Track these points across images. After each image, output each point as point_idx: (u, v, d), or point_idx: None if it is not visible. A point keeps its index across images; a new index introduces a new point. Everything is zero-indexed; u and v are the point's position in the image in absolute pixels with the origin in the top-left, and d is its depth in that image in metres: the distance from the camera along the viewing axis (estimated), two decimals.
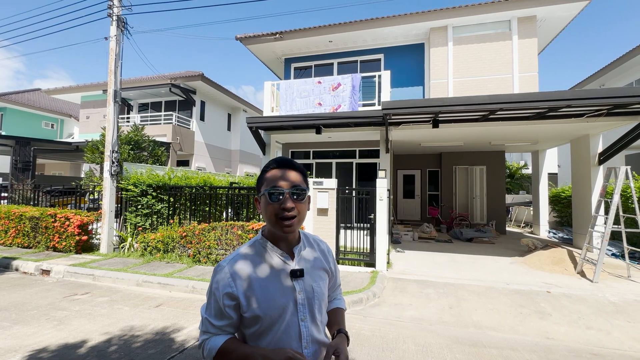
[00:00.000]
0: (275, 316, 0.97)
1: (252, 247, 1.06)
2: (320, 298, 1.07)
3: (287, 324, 0.98)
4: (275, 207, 0.97)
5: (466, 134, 7.95)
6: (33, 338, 3.15)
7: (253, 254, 1.04)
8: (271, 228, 1.03)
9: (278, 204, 0.97)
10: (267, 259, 1.03)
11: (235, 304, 0.97)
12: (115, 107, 6.97)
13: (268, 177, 1.02)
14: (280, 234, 1.02)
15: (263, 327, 0.97)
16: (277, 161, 1.04)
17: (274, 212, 0.98)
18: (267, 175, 1.03)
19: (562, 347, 3.17)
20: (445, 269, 6.02)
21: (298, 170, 1.04)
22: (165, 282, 4.87)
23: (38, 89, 21.48)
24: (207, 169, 15.87)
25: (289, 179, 1.00)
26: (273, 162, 1.05)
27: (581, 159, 7.69)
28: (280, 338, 0.97)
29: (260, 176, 1.06)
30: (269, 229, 1.05)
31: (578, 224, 7.87)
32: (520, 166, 17.83)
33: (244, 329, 1.01)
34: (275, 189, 0.98)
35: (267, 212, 1.00)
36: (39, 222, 6.87)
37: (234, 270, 0.99)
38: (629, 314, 3.99)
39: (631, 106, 5.65)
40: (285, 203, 0.97)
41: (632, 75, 11.71)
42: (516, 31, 8.54)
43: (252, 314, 0.96)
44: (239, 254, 1.03)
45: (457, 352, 3.04)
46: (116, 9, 6.84)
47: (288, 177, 1.01)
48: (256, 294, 0.97)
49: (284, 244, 1.05)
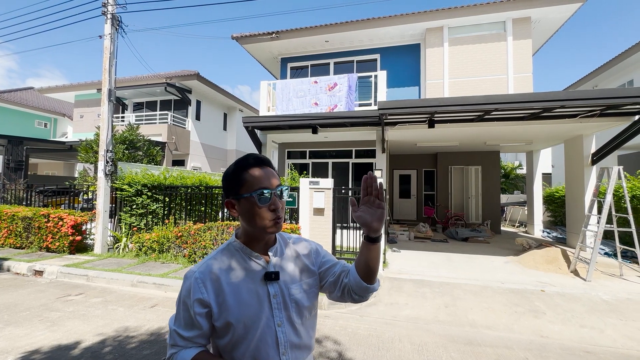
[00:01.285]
0: (249, 322, 0.91)
1: (225, 251, 1.00)
2: (298, 301, 0.99)
3: (262, 330, 0.92)
4: (265, 209, 0.93)
5: (462, 134, 8.00)
6: (26, 339, 3.11)
7: (226, 257, 0.99)
8: (254, 230, 0.97)
9: (267, 206, 0.93)
10: (240, 263, 0.98)
11: (207, 312, 0.92)
12: (110, 106, 6.91)
13: (249, 177, 0.94)
14: (265, 235, 0.98)
15: (237, 335, 0.91)
16: (254, 159, 0.98)
17: (265, 216, 0.93)
18: (245, 174, 0.95)
19: (556, 345, 3.20)
20: (441, 268, 6.05)
21: (273, 167, 1.00)
22: (161, 282, 4.83)
23: (31, 88, 21.20)
24: (203, 168, 15.78)
25: (274, 178, 0.96)
26: (249, 160, 0.97)
27: (575, 159, 7.78)
28: (256, 346, 0.91)
29: (236, 176, 0.96)
30: (246, 231, 0.99)
31: (571, 224, 7.95)
32: (514, 166, 18.00)
33: (217, 340, 0.95)
34: (264, 191, 0.93)
35: (256, 215, 0.93)
36: (32, 222, 6.78)
37: (205, 276, 0.94)
38: (621, 312, 4.04)
39: (623, 107, 5.72)
40: (276, 204, 0.94)
41: (624, 76, 11.88)
42: (511, 32, 8.60)
43: (224, 320, 0.91)
44: (211, 259, 0.98)
45: (452, 350, 3.06)
46: (111, 7, 6.78)
47: (273, 175, 0.97)
48: (228, 299, 0.92)
49: (259, 246, 1.00)
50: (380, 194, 0.96)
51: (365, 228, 0.96)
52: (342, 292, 1.06)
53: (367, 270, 1.00)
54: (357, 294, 1.03)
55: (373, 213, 0.96)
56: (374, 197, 0.96)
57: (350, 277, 1.03)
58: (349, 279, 1.04)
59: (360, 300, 1.06)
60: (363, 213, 0.97)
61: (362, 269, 1.00)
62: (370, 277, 1.01)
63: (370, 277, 1.01)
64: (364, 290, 1.02)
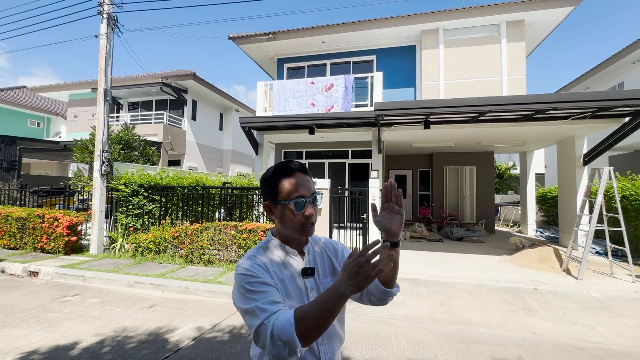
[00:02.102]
0: None
1: (264, 248, 1.04)
2: None
3: None
4: (301, 216, 0.98)
5: (456, 135, 8.10)
6: (23, 340, 3.10)
7: (268, 253, 1.02)
8: (291, 234, 1.02)
9: (302, 213, 0.97)
10: (281, 258, 1.02)
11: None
12: (106, 106, 6.88)
13: (287, 184, 0.98)
14: (301, 239, 1.04)
15: None
16: (293, 167, 1.01)
17: (300, 222, 0.98)
18: (284, 181, 0.99)
19: (548, 342, 3.27)
20: (436, 267, 6.13)
21: (309, 175, 1.05)
22: (158, 282, 4.84)
23: (24, 87, 20.96)
24: (199, 169, 15.73)
25: (309, 185, 1.01)
26: (288, 167, 1.01)
27: (567, 160, 7.92)
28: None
29: (274, 182, 1.00)
30: (282, 232, 1.04)
31: (564, 223, 8.09)
32: (508, 167, 18.22)
33: None
34: (300, 199, 0.97)
35: (291, 221, 0.99)
36: (26, 223, 6.73)
37: (264, 262, 0.97)
38: (611, 309, 4.14)
39: (614, 109, 5.85)
40: (310, 211, 0.98)
41: (615, 79, 12.10)
42: (505, 35, 8.73)
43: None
44: (254, 255, 1.00)
45: (447, 348, 3.12)
46: (107, 7, 6.75)
47: (308, 183, 1.01)
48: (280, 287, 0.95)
49: (294, 245, 1.05)
50: (399, 201, 1.00)
51: (384, 233, 1.01)
52: (361, 294, 1.10)
53: (386, 275, 1.03)
54: (376, 297, 1.07)
55: (392, 219, 0.99)
56: (393, 203, 1.00)
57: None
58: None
59: (379, 304, 1.09)
60: (382, 219, 1.01)
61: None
62: (390, 281, 1.04)
63: (389, 282, 1.04)
64: (383, 293, 1.05)
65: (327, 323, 0.79)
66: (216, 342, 3.18)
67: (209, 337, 3.29)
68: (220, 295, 4.49)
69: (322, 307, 0.78)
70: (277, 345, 0.77)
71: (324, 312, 0.78)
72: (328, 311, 0.77)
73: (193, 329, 3.44)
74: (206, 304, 4.27)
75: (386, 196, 1.01)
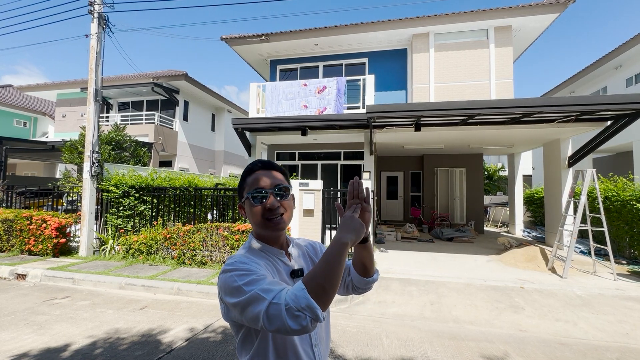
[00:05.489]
0: None
1: (250, 250, 1.01)
2: None
3: None
4: (260, 208, 0.96)
5: (447, 137, 8.25)
6: (12, 343, 3.07)
7: (254, 255, 0.98)
8: (260, 231, 1.00)
9: (262, 206, 0.96)
10: (268, 259, 1.00)
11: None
12: (96, 106, 6.81)
13: (249, 181, 0.99)
14: (270, 234, 1.00)
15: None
16: (256, 163, 1.02)
17: (260, 214, 0.96)
18: (248, 179, 1.00)
19: (534, 338, 3.39)
20: (426, 267, 6.23)
21: (278, 170, 1.03)
22: (150, 284, 4.81)
23: (10, 85, 20.46)
24: (191, 169, 15.60)
25: (270, 179, 0.99)
26: (252, 165, 1.03)
27: (553, 162, 8.15)
28: (292, 340, 0.93)
29: (241, 182, 1.02)
30: (258, 233, 1.02)
31: (550, 223, 8.31)
32: (497, 168, 18.58)
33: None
34: (258, 191, 0.96)
35: (253, 215, 0.97)
36: (13, 225, 6.60)
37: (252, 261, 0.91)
38: (593, 306, 4.30)
39: (597, 113, 6.06)
40: (273, 203, 0.96)
41: (599, 83, 12.49)
42: (493, 40, 8.94)
43: None
44: (247, 249, 1.00)
45: (437, 345, 3.20)
46: (97, 7, 6.69)
47: (269, 176, 0.99)
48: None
49: (277, 245, 1.03)
50: (367, 198, 0.99)
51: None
52: (346, 288, 1.16)
53: (363, 267, 1.10)
54: (359, 287, 1.13)
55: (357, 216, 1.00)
56: (360, 200, 0.98)
57: (352, 274, 1.13)
58: (350, 277, 1.14)
59: (363, 292, 1.16)
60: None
61: (359, 266, 1.10)
62: (368, 271, 1.10)
63: (367, 272, 1.11)
64: (365, 283, 1.11)
65: (336, 278, 0.77)
66: (209, 342, 3.20)
67: (202, 337, 3.30)
68: (212, 297, 4.49)
69: (328, 260, 0.78)
70: (297, 317, 0.73)
71: (331, 265, 0.78)
72: (334, 263, 0.78)
73: (186, 330, 3.45)
74: (199, 305, 4.28)
75: (352, 193, 0.99)
